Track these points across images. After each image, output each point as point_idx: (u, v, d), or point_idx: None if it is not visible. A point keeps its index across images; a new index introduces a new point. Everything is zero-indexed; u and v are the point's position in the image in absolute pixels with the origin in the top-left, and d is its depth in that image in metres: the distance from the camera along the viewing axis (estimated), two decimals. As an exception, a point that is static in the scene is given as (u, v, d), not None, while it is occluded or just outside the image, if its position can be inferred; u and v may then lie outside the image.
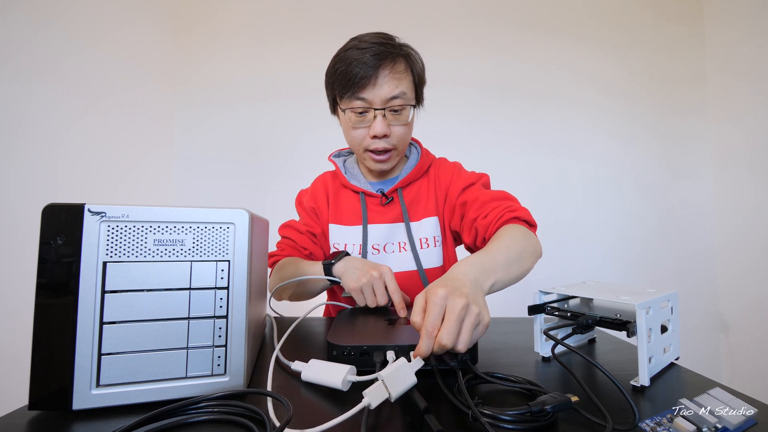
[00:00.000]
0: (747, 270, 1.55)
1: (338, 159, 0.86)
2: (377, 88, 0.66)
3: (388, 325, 0.50)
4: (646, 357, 0.39)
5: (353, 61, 0.66)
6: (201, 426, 0.32)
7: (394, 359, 0.38)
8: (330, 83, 0.72)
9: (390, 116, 0.69)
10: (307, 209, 0.82)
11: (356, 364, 0.40)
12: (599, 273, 1.65)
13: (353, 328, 0.49)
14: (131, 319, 0.35)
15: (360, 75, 0.65)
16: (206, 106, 1.65)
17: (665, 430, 0.31)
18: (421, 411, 0.29)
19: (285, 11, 1.67)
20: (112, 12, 1.30)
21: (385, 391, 0.31)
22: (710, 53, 1.72)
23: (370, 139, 0.70)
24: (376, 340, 0.43)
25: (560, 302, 0.51)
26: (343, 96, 0.69)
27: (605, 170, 1.70)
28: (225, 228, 0.39)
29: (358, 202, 0.79)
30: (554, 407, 0.30)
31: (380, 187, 0.80)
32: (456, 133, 1.63)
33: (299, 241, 0.78)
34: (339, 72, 0.68)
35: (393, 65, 0.67)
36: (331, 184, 0.83)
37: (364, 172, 0.83)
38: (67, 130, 1.11)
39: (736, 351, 1.59)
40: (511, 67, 1.69)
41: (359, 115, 0.69)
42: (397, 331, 0.47)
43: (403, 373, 0.32)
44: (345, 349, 0.42)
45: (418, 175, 0.80)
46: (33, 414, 0.35)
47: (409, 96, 0.70)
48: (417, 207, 0.78)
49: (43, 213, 0.34)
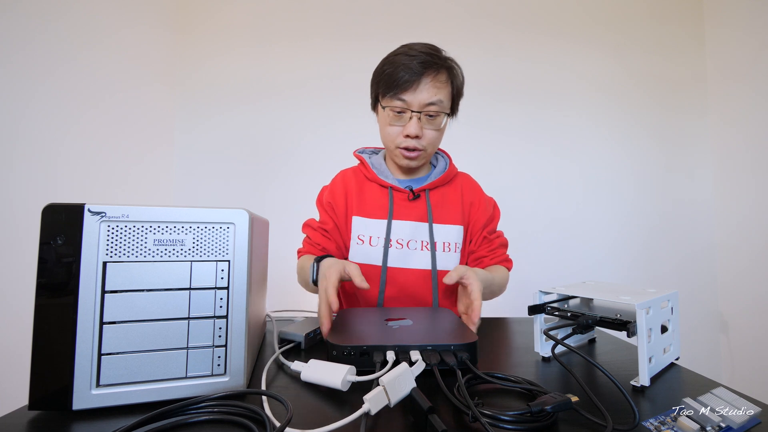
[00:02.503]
0: (747, 270, 1.55)
1: (364, 155, 0.89)
2: (417, 93, 0.72)
3: (388, 325, 0.50)
4: (647, 357, 0.39)
5: (401, 66, 0.72)
6: (201, 426, 0.32)
7: (395, 359, 0.38)
8: (375, 81, 0.78)
9: (425, 120, 0.75)
10: (325, 204, 0.85)
11: (356, 364, 0.40)
12: (599, 273, 1.65)
13: (353, 328, 0.49)
14: (131, 319, 0.35)
15: (404, 79, 0.72)
16: (206, 106, 1.65)
17: (669, 428, 0.31)
18: (425, 411, 0.29)
19: (285, 11, 1.67)
20: (112, 12, 1.30)
21: (386, 397, 0.31)
22: (710, 53, 1.72)
23: (403, 137, 0.76)
24: (376, 340, 0.43)
25: (560, 302, 0.51)
26: (386, 95, 0.74)
27: (605, 170, 1.70)
28: (225, 228, 0.39)
29: (385, 196, 0.82)
30: (554, 407, 0.30)
31: (409, 184, 0.83)
32: (456, 133, 1.63)
33: (314, 237, 0.81)
34: (386, 73, 0.74)
35: (436, 75, 0.73)
36: (353, 180, 0.85)
37: (391, 169, 0.87)
38: (67, 130, 1.11)
39: (736, 351, 1.59)
40: (511, 67, 1.69)
41: (397, 114, 0.75)
42: (397, 332, 0.47)
43: (404, 378, 0.32)
44: (345, 349, 0.42)
45: (445, 181, 0.85)
46: (33, 414, 0.34)
47: (445, 105, 0.75)
48: (442, 210, 0.82)
49: (43, 213, 0.34)
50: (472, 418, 0.30)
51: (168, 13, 1.60)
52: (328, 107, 1.64)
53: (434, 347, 0.41)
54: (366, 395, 0.30)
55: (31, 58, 1.01)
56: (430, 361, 0.38)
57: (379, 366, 0.38)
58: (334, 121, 1.64)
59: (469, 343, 0.41)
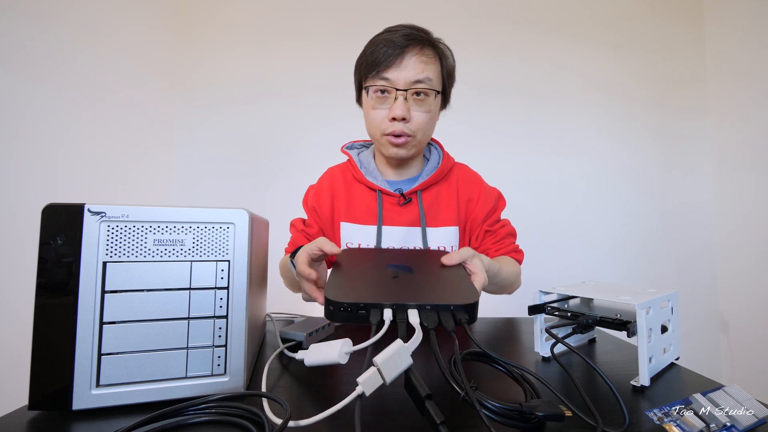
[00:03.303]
0: (747, 270, 1.55)
1: (352, 151, 0.82)
2: (402, 70, 0.65)
3: (393, 278, 0.45)
4: (647, 357, 0.39)
5: (381, 42, 0.66)
6: (200, 427, 0.32)
7: (391, 319, 0.36)
8: (357, 67, 0.72)
9: (412, 101, 0.67)
10: (309, 208, 0.81)
11: (354, 320, 0.38)
12: (599, 273, 1.65)
13: (353, 280, 0.44)
14: (131, 319, 0.35)
15: (386, 54, 0.64)
16: (206, 106, 1.65)
17: (672, 421, 0.30)
18: (423, 397, 0.29)
19: (285, 11, 1.67)
20: (112, 12, 1.30)
21: (380, 378, 0.30)
22: (710, 53, 1.72)
23: (389, 121, 0.68)
24: (375, 296, 0.39)
25: (560, 302, 0.51)
26: (368, 76, 0.68)
27: (605, 170, 1.70)
28: (225, 228, 0.39)
29: (374, 200, 0.76)
30: (545, 416, 0.29)
31: (399, 187, 0.77)
32: (456, 133, 1.63)
33: (297, 240, 0.79)
34: (366, 54, 0.68)
35: (421, 49, 0.66)
36: (340, 180, 0.79)
37: (380, 167, 0.80)
38: (67, 130, 1.11)
39: (736, 351, 1.59)
40: (511, 67, 1.69)
41: (381, 96, 0.67)
42: (401, 286, 0.42)
43: (400, 356, 0.31)
44: (342, 305, 0.38)
45: (439, 178, 0.78)
46: (33, 414, 0.34)
47: (434, 83, 0.68)
48: (436, 212, 0.76)
49: (43, 213, 0.34)
50: (463, 398, 0.29)
51: (168, 13, 1.60)
52: (328, 107, 1.64)
53: (433, 307, 0.38)
54: (359, 377, 0.29)
55: (31, 58, 1.01)
56: (428, 324, 0.36)
57: (375, 329, 0.36)
58: (334, 121, 1.64)
59: (469, 304, 0.38)
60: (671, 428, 0.30)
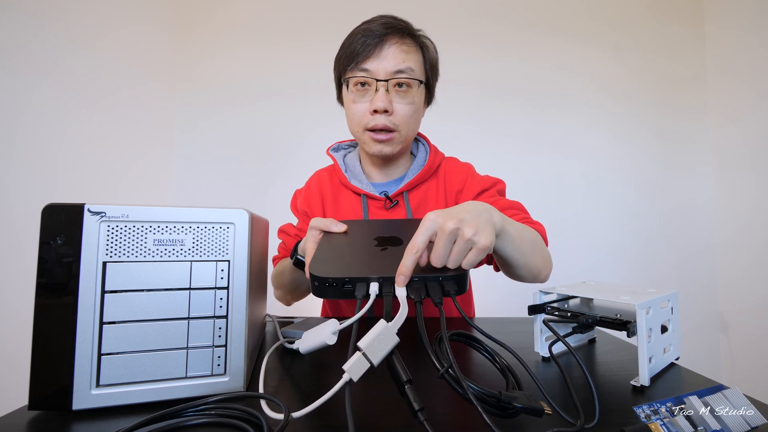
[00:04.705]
0: (747, 270, 1.55)
1: (337, 154, 0.80)
2: (381, 60, 0.62)
3: (381, 250, 0.42)
4: (647, 357, 0.39)
5: (359, 33, 0.63)
6: (200, 428, 0.32)
7: (377, 293, 0.35)
8: (336, 61, 0.68)
9: (394, 92, 0.64)
10: (300, 212, 0.79)
11: (341, 295, 0.37)
12: (599, 273, 1.65)
13: (339, 255, 0.42)
14: (131, 319, 0.35)
15: (365, 43, 0.62)
16: (206, 106, 1.65)
17: (659, 419, 0.30)
18: (403, 383, 0.28)
19: (285, 11, 1.67)
20: (112, 12, 1.30)
21: (366, 361, 0.29)
22: (710, 53, 1.72)
23: (371, 114, 0.64)
24: (361, 270, 0.38)
25: (560, 302, 0.51)
26: (347, 68, 0.65)
27: (605, 170, 1.70)
28: (225, 228, 0.39)
29: (360, 205, 0.73)
30: (523, 408, 0.29)
31: (384, 189, 0.74)
32: (456, 133, 1.63)
33: (290, 244, 0.76)
34: (345, 46, 0.65)
35: (401, 38, 0.64)
36: (328, 184, 0.78)
37: (366, 168, 0.77)
38: (67, 130, 1.11)
39: (736, 351, 1.59)
40: (511, 67, 1.69)
41: (361, 87, 0.64)
42: (388, 258, 0.40)
43: (385, 337, 0.30)
44: (327, 281, 0.37)
45: (426, 176, 0.74)
46: (33, 414, 0.35)
47: (417, 74, 0.65)
48: (425, 212, 0.72)
49: (42, 213, 0.34)
50: (440, 375, 0.29)
51: (168, 13, 1.60)
52: (328, 107, 1.63)
53: (420, 279, 0.36)
54: (345, 364, 0.29)
55: (31, 58, 1.01)
56: (415, 297, 0.35)
57: (359, 303, 0.35)
58: (334, 121, 1.63)
59: (458, 275, 0.37)
60: (657, 428, 0.29)
